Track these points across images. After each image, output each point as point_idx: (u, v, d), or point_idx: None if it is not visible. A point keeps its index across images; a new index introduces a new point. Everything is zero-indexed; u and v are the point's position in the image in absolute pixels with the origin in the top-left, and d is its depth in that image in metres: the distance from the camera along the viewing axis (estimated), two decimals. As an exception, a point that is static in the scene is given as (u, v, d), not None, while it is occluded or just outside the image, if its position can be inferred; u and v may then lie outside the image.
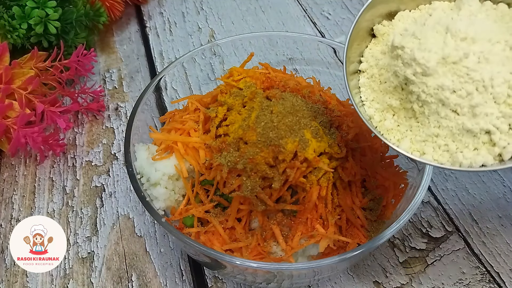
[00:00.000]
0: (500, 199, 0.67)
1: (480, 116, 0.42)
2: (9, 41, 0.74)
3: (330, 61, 0.78)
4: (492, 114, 0.42)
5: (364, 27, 0.51)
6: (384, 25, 0.51)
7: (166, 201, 0.56)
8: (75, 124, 0.80)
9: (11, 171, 0.73)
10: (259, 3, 1.04)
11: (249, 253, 0.51)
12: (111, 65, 0.91)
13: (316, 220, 0.52)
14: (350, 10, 1.01)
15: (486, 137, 0.43)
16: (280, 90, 0.59)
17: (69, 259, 0.62)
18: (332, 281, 0.60)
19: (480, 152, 0.43)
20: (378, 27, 0.51)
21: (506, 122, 0.42)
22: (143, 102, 0.62)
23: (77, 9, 0.81)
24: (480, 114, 0.42)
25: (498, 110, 0.42)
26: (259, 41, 0.76)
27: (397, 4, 0.51)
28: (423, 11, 0.50)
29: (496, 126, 0.42)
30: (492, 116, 0.42)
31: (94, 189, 0.71)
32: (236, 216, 0.53)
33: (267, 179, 0.51)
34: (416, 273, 0.60)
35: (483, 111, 0.42)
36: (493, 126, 0.42)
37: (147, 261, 0.62)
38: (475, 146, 0.43)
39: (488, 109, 0.42)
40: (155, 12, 1.03)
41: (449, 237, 0.63)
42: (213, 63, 0.83)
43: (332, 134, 0.54)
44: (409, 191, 0.56)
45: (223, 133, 0.55)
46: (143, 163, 0.57)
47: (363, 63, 0.52)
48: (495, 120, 0.42)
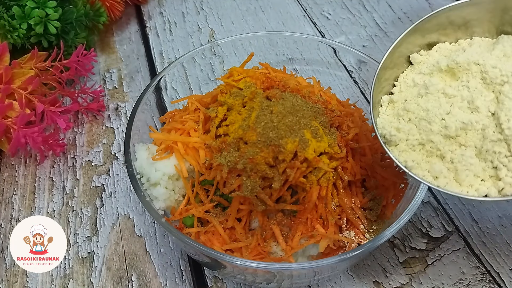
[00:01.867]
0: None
1: (489, 153, 0.45)
2: (9, 41, 0.74)
3: (330, 61, 0.78)
4: (501, 153, 0.45)
5: (402, 55, 0.54)
6: (422, 55, 0.53)
7: (166, 201, 0.56)
8: (75, 124, 0.80)
9: (11, 171, 0.73)
10: (259, 3, 1.04)
11: (249, 253, 0.51)
12: (111, 65, 0.91)
13: (316, 220, 0.52)
14: (350, 10, 1.01)
15: (493, 172, 0.45)
16: (280, 90, 0.59)
17: (69, 259, 0.63)
18: (332, 281, 0.60)
19: (486, 184, 0.46)
20: (415, 56, 0.53)
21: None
22: (143, 102, 0.62)
23: (77, 9, 0.81)
24: (489, 151, 0.45)
25: (507, 149, 0.45)
26: (259, 41, 0.76)
27: (438, 36, 0.53)
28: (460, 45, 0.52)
29: (504, 163, 0.45)
30: (500, 154, 0.45)
31: (94, 189, 0.71)
32: (236, 216, 0.53)
33: (267, 179, 0.51)
34: (416, 273, 0.60)
35: (493, 149, 0.45)
36: (500, 163, 0.45)
37: (147, 261, 0.62)
38: (482, 178, 0.46)
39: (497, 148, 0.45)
40: (155, 12, 1.03)
41: (449, 237, 0.63)
42: (213, 63, 0.83)
43: (332, 134, 0.54)
44: (409, 191, 0.56)
45: (223, 133, 0.55)
46: (143, 163, 0.57)
47: (396, 86, 0.54)
48: (503, 158, 0.45)
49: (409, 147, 0.49)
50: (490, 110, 0.46)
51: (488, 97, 0.46)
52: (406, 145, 0.49)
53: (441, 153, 0.47)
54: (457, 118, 0.46)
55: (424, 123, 0.48)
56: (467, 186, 0.46)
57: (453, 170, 0.47)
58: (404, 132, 0.49)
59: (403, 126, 0.49)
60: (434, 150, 0.47)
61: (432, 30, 0.52)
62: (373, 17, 0.99)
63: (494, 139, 0.45)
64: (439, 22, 0.52)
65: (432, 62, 0.51)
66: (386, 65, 0.52)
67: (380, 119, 0.52)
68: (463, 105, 0.47)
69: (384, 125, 0.51)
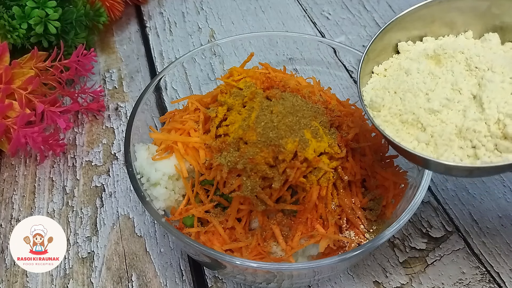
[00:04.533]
0: (500, 199, 0.67)
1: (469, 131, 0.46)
2: (9, 41, 0.74)
3: (330, 61, 0.78)
4: (481, 132, 0.45)
5: (390, 44, 0.54)
6: (409, 45, 0.54)
7: (166, 201, 0.56)
8: (75, 124, 0.80)
9: (11, 171, 0.73)
10: (259, 3, 1.04)
11: (249, 253, 0.51)
12: (111, 65, 0.91)
13: (316, 220, 0.52)
14: (350, 10, 1.01)
15: (471, 151, 0.46)
16: (280, 90, 0.59)
17: (69, 259, 0.63)
18: (332, 281, 0.60)
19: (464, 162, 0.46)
20: (403, 44, 0.54)
21: (492, 142, 0.45)
22: (143, 102, 0.62)
23: (77, 9, 0.81)
24: (469, 129, 0.45)
25: (487, 129, 0.45)
26: (259, 41, 0.76)
27: (425, 31, 0.54)
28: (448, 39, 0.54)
29: (483, 143, 0.45)
30: (480, 134, 0.45)
31: (94, 189, 0.71)
32: (236, 216, 0.53)
33: (267, 179, 0.51)
34: (416, 273, 0.60)
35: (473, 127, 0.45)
36: (479, 142, 0.45)
37: (147, 261, 0.62)
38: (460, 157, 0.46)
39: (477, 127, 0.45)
40: (155, 12, 1.03)
41: (449, 237, 0.63)
42: (213, 63, 0.83)
43: (332, 134, 0.54)
44: (409, 191, 0.56)
45: (223, 133, 0.55)
46: (143, 163, 0.57)
47: (379, 67, 0.54)
48: (482, 137, 0.45)
49: (391, 116, 0.49)
50: (472, 93, 0.47)
51: (470, 82, 0.48)
52: (389, 113, 0.49)
53: (423, 126, 0.47)
54: (441, 95, 0.47)
55: (409, 95, 0.48)
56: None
57: (433, 144, 0.47)
58: (388, 101, 0.49)
59: (388, 96, 0.50)
60: (415, 123, 0.48)
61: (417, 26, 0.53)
62: (373, 17, 0.99)
63: (475, 118, 0.45)
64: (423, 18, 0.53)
65: (419, 49, 0.53)
66: (374, 48, 0.52)
67: (367, 88, 0.52)
68: (447, 85, 0.48)
69: (369, 92, 0.52)
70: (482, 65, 0.48)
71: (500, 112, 0.45)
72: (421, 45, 0.54)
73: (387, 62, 0.54)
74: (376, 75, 0.54)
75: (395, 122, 0.49)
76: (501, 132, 0.45)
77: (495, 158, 0.45)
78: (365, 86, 0.53)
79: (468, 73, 0.49)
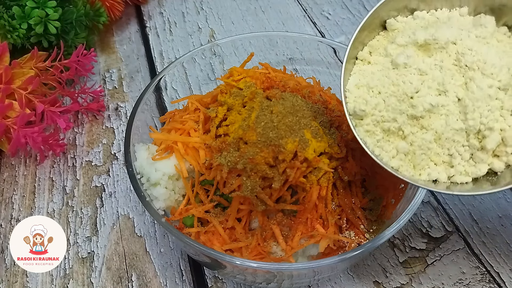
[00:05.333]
0: (500, 199, 0.67)
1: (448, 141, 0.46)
2: (9, 41, 0.74)
3: (330, 61, 0.78)
4: (459, 142, 0.45)
5: (379, 17, 0.52)
6: (398, 21, 0.52)
7: (166, 201, 0.56)
8: (75, 124, 0.80)
9: (11, 171, 0.73)
10: (259, 3, 1.04)
11: (249, 253, 0.51)
12: (111, 65, 0.91)
13: (316, 220, 0.52)
14: (350, 10, 1.01)
15: (447, 158, 0.46)
16: (280, 90, 0.59)
17: (69, 259, 0.63)
18: (332, 281, 0.60)
19: (437, 168, 0.47)
20: (392, 21, 0.52)
21: (469, 151, 0.45)
22: (143, 102, 0.62)
23: (77, 9, 0.81)
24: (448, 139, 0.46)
25: (465, 139, 0.45)
26: (259, 41, 0.76)
27: (418, 2, 0.51)
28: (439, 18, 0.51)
29: (460, 152, 0.46)
30: (458, 143, 0.45)
31: (94, 189, 0.71)
32: (236, 216, 0.53)
33: (267, 179, 0.51)
34: (416, 273, 0.60)
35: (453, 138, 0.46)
36: (456, 152, 0.46)
37: (147, 261, 0.62)
38: (435, 162, 0.47)
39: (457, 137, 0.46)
40: (155, 12, 1.03)
41: (449, 237, 0.63)
42: (213, 63, 0.83)
43: (332, 134, 0.54)
44: (409, 191, 0.56)
45: (223, 133, 0.55)
46: (143, 163, 0.57)
47: (363, 51, 0.52)
48: (460, 147, 0.46)
49: (373, 124, 0.48)
50: (458, 96, 0.46)
51: (458, 82, 0.46)
52: (371, 121, 0.48)
53: (403, 133, 0.47)
54: (426, 100, 0.46)
55: (393, 100, 0.47)
56: (420, 169, 0.47)
57: (411, 153, 0.47)
58: (372, 106, 0.48)
59: (371, 100, 0.48)
60: (396, 131, 0.47)
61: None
62: (373, 17, 0.99)
63: (456, 128, 0.45)
64: None
65: (408, 33, 0.49)
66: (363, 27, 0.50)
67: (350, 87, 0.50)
68: (433, 85, 0.46)
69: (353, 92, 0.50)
70: (473, 64, 0.46)
71: (482, 123, 0.44)
72: (411, 24, 0.51)
73: (372, 42, 0.52)
74: (361, 61, 0.52)
75: (376, 131, 0.48)
76: (479, 143, 0.45)
77: (468, 168, 0.45)
78: (348, 80, 0.50)
79: (456, 70, 0.47)
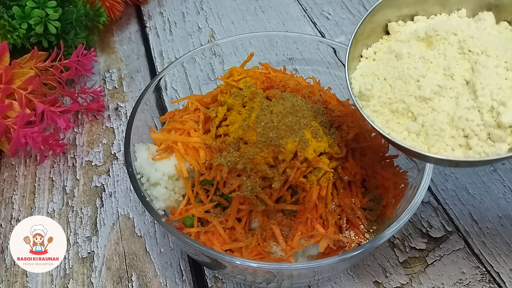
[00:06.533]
0: (500, 199, 0.67)
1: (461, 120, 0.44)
2: (9, 41, 0.74)
3: (330, 61, 0.78)
4: (473, 120, 0.44)
5: (381, 25, 0.52)
6: (400, 25, 0.52)
7: (166, 201, 0.56)
8: (75, 124, 0.80)
9: (11, 171, 0.73)
10: (259, 3, 1.04)
11: (249, 253, 0.51)
12: (111, 65, 0.91)
13: (316, 220, 0.52)
14: (350, 10, 1.01)
15: (463, 141, 0.44)
16: (280, 90, 0.59)
17: (69, 259, 0.63)
18: (332, 281, 0.60)
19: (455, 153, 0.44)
20: (393, 24, 0.52)
21: (485, 131, 0.43)
22: (143, 102, 0.62)
23: (77, 9, 0.81)
24: (461, 118, 0.44)
25: (480, 118, 0.43)
26: (259, 41, 0.76)
27: (417, 9, 0.52)
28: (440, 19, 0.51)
29: (475, 132, 0.44)
30: (473, 122, 0.44)
31: (94, 189, 0.71)
32: (236, 216, 0.53)
33: (267, 179, 0.51)
34: (416, 273, 0.60)
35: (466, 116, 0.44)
36: (472, 131, 0.44)
37: (147, 261, 0.62)
38: (452, 146, 0.45)
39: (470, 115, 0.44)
40: (155, 12, 1.03)
41: (449, 237, 0.63)
42: (213, 63, 0.83)
43: (332, 134, 0.54)
44: (409, 191, 0.56)
45: (223, 133, 0.55)
46: (143, 163, 0.57)
47: (368, 50, 0.52)
48: (475, 126, 0.44)
49: (381, 105, 0.47)
50: (465, 78, 0.45)
51: (463, 66, 0.46)
52: (379, 102, 0.47)
53: (413, 115, 0.46)
54: (433, 82, 0.45)
55: (400, 82, 0.46)
56: (435, 152, 0.45)
57: (424, 134, 0.45)
58: (378, 89, 0.47)
59: (377, 84, 0.48)
60: (405, 112, 0.46)
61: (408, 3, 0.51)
62: (373, 17, 0.99)
63: (467, 106, 0.44)
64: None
65: (409, 31, 0.50)
66: (363, 30, 0.50)
67: (355, 74, 0.50)
68: (439, 71, 0.46)
69: (358, 79, 0.50)
70: (476, 48, 0.45)
71: (494, 100, 0.43)
72: (412, 26, 0.51)
73: (376, 44, 0.52)
74: (365, 59, 0.51)
75: (385, 112, 0.47)
76: (494, 120, 0.43)
77: (487, 148, 0.43)
78: (354, 72, 0.50)
79: (461, 57, 0.46)
